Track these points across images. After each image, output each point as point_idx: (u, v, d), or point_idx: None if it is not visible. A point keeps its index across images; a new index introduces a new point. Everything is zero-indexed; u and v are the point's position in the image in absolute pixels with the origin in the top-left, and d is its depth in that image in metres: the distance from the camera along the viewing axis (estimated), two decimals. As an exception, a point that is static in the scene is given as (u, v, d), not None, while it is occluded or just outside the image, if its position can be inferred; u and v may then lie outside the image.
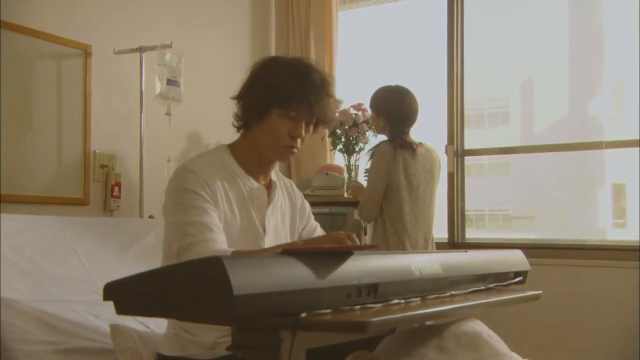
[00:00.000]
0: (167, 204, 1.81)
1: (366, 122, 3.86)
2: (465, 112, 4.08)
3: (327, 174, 3.98)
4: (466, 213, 4.09)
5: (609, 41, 4.82)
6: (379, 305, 1.32)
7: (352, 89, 4.35)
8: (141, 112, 3.26)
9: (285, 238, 1.99)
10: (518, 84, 5.89)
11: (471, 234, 4.19)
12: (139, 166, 3.27)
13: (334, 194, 3.92)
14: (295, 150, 1.88)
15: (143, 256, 2.60)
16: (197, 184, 1.76)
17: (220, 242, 1.71)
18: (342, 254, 1.31)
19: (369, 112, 3.46)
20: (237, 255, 1.63)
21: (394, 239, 3.15)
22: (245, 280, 1.08)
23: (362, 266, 1.33)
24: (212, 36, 4.03)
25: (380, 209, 3.20)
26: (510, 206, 5.29)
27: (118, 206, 3.30)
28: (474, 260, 1.75)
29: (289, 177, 4.32)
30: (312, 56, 4.26)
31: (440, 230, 3.91)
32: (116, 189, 3.28)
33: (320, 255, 1.27)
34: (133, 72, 3.28)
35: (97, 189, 3.27)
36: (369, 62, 4.77)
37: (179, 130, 3.57)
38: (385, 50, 4.83)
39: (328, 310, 1.22)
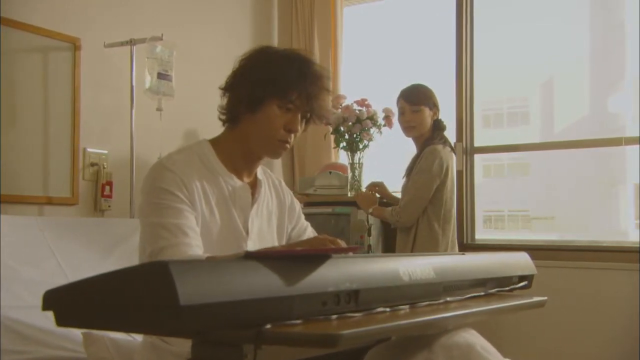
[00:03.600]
0: (142, 203, 1.71)
1: (370, 118, 3.70)
2: (484, 113, 3.96)
3: (330, 172, 3.85)
4: (485, 214, 3.94)
5: (631, 38, 4.65)
6: (360, 314, 1.18)
7: (355, 85, 4.24)
8: (132, 107, 3.13)
9: (271, 239, 1.87)
10: (538, 83, 5.72)
11: (489, 235, 4.06)
12: (130, 164, 3.13)
13: (337, 193, 3.78)
14: (288, 145, 1.76)
15: (127, 259, 2.47)
16: (173, 183, 1.65)
17: (194, 247, 1.60)
18: (317, 258, 1.16)
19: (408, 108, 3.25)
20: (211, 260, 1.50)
21: (444, 241, 3.13)
22: (195, 289, 0.96)
23: (341, 271, 1.19)
24: (208, 29, 3.90)
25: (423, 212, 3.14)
26: (530, 206, 5.13)
27: (109, 206, 3.17)
28: (473, 263, 1.59)
29: (292, 176, 4.20)
30: (316, 52, 4.17)
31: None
32: (107, 188, 3.15)
33: (291, 259, 1.13)
34: (124, 66, 3.16)
35: (87, 188, 3.14)
36: (374, 59, 4.64)
37: (172, 126, 3.42)
38: (391, 47, 4.69)
39: (298, 321, 1.08)
